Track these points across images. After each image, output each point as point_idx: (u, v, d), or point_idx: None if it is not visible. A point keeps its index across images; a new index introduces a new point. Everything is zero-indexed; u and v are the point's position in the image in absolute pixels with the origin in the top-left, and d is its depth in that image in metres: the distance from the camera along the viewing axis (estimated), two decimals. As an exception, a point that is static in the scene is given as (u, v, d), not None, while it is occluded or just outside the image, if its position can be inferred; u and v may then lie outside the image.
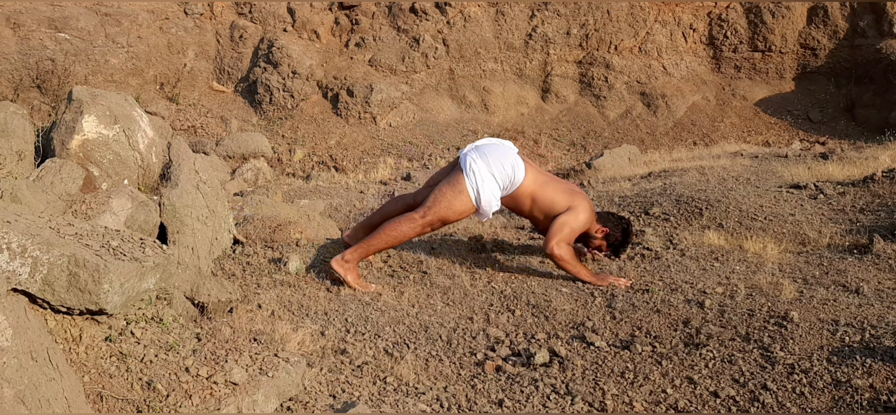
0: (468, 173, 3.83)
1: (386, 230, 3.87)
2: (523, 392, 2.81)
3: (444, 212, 3.85)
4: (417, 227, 3.86)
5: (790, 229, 4.52)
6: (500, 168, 3.87)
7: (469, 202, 3.85)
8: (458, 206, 3.85)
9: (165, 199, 3.70)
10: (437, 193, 3.87)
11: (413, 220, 3.84)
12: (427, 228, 3.89)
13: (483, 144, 3.99)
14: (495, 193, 3.88)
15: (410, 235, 3.88)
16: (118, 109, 4.08)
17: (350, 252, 3.87)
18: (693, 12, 12.58)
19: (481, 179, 3.83)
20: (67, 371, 2.30)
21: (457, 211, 3.86)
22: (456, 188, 3.85)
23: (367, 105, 11.17)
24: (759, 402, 2.60)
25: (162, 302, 2.80)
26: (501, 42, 12.15)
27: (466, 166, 3.85)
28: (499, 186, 3.89)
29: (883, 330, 2.97)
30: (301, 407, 2.65)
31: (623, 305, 3.54)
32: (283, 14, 12.10)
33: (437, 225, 3.90)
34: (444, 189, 3.86)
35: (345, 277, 3.81)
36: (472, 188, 3.83)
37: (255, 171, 8.36)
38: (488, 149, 3.93)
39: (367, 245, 3.88)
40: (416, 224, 3.85)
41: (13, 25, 10.50)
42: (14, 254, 2.32)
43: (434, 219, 3.85)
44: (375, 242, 3.87)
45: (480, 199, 3.84)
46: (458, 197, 3.83)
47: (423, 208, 3.86)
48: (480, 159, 3.87)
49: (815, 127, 11.44)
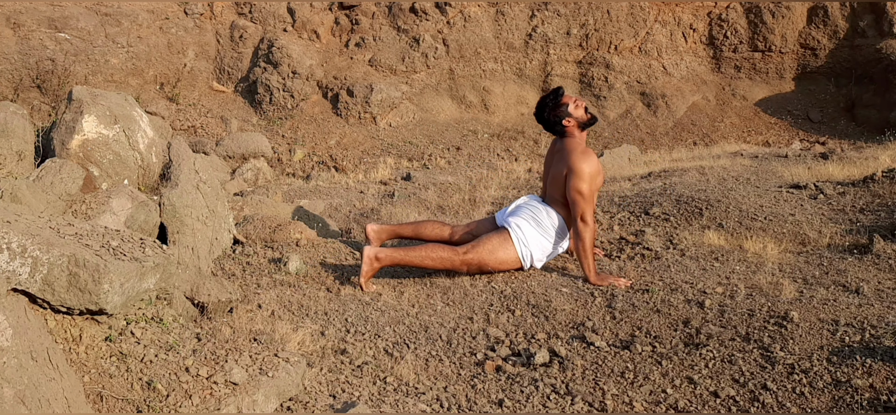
0: (523, 255, 4.01)
1: (427, 250, 3.94)
2: (523, 392, 2.81)
3: (486, 258, 3.98)
4: (456, 262, 3.96)
5: (790, 229, 4.52)
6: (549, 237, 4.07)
7: (516, 259, 4.02)
8: (503, 256, 4.01)
9: (165, 199, 3.70)
10: (487, 240, 4.00)
11: (455, 252, 3.95)
12: (464, 268, 3.98)
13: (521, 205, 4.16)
14: (545, 249, 4.08)
15: (446, 265, 3.97)
16: (118, 109, 4.08)
17: (386, 253, 3.88)
18: (693, 12, 12.58)
19: (531, 249, 4.02)
20: (67, 371, 2.30)
21: (501, 261, 4.02)
22: (505, 246, 4.01)
23: (367, 105, 11.17)
24: (759, 402, 2.60)
25: (162, 302, 2.80)
26: (501, 42, 12.15)
27: (524, 256, 4.01)
28: (548, 241, 4.08)
29: (883, 330, 2.97)
30: (301, 407, 2.65)
31: (623, 305, 3.54)
32: (283, 14, 12.10)
33: (474, 268, 4.00)
34: (495, 242, 3.99)
35: (365, 269, 3.83)
36: (523, 256, 4.02)
37: (255, 171, 8.36)
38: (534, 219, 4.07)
39: (404, 253, 3.91)
40: (456, 260, 3.95)
41: (13, 25, 10.50)
42: (14, 254, 2.32)
43: (474, 261, 3.97)
44: (412, 256, 3.94)
45: (534, 262, 4.06)
46: (506, 253, 4.00)
47: (468, 247, 3.99)
48: (529, 229, 4.03)
49: (815, 127, 11.45)
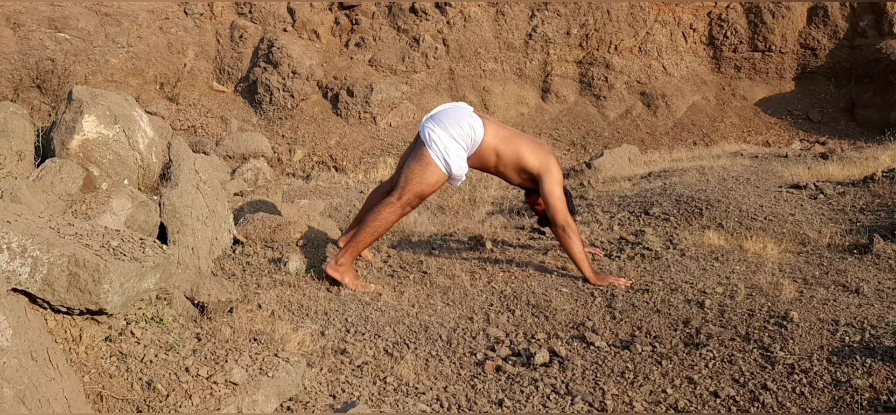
0: (430, 144, 3.87)
1: (369, 223, 3.90)
2: (523, 392, 2.81)
3: (418, 188, 3.88)
4: (397, 209, 3.89)
5: (790, 229, 4.52)
6: (458, 129, 3.90)
7: (439, 172, 3.88)
8: (430, 178, 3.88)
9: (165, 199, 3.70)
10: (407, 172, 3.91)
11: (391, 204, 3.88)
12: (408, 209, 3.92)
13: (438, 111, 4.03)
14: (461, 155, 3.91)
15: (393, 219, 3.91)
16: (118, 109, 4.08)
17: (341, 255, 3.89)
18: (693, 12, 12.58)
19: (444, 147, 3.86)
20: (67, 371, 2.30)
21: (430, 183, 3.89)
22: (423, 162, 3.88)
23: (367, 105, 11.17)
24: (759, 402, 2.60)
25: (162, 302, 2.80)
26: (501, 42, 12.15)
27: (427, 138, 3.89)
28: (462, 147, 3.92)
29: (883, 330, 2.97)
30: (301, 407, 2.65)
31: (623, 305, 3.54)
32: (283, 14, 12.10)
33: (416, 202, 3.93)
34: (412, 166, 3.90)
35: (342, 279, 3.83)
36: (437, 157, 3.86)
37: (255, 171, 8.36)
38: (444, 114, 3.96)
39: (355, 244, 3.90)
40: (396, 207, 3.88)
41: (13, 25, 10.50)
42: (14, 254, 2.32)
43: (411, 197, 3.89)
44: (363, 238, 3.90)
45: (450, 165, 3.87)
46: (426, 169, 3.87)
47: (398, 191, 3.90)
48: (438, 127, 3.90)
49: (815, 127, 11.44)
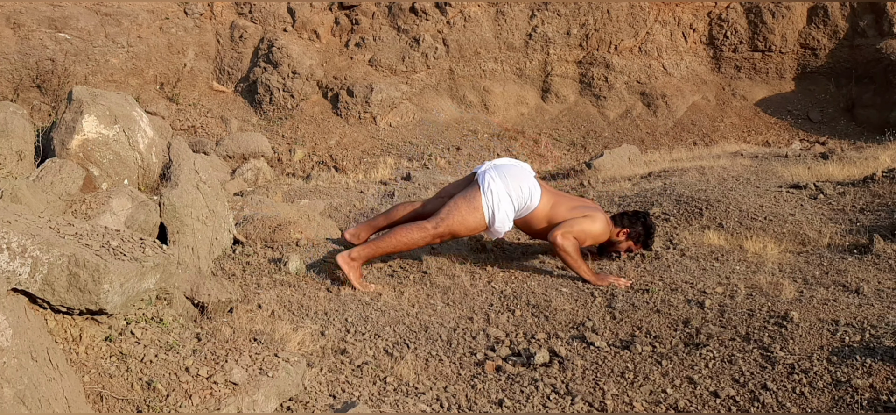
0: (485, 191, 3.88)
1: (396, 235, 3.89)
2: (523, 392, 2.81)
3: (456, 225, 3.89)
4: (427, 236, 3.89)
5: (790, 229, 4.52)
6: (517, 190, 3.92)
7: (482, 219, 3.89)
8: (472, 222, 3.89)
9: (165, 199, 3.70)
10: (452, 205, 3.91)
11: (424, 229, 3.88)
12: (437, 239, 3.93)
13: (502, 163, 4.03)
14: (510, 215, 3.94)
15: (420, 243, 3.92)
16: (118, 109, 4.08)
17: (357, 251, 3.87)
18: (693, 12, 12.58)
19: (498, 199, 3.87)
20: (67, 371, 2.30)
21: (469, 226, 3.91)
22: (472, 204, 3.88)
23: (367, 105, 11.17)
24: (759, 402, 2.60)
25: (162, 302, 2.80)
26: (501, 42, 12.15)
27: (484, 184, 3.88)
28: (514, 207, 3.94)
29: (883, 330, 2.97)
30: (301, 407, 2.65)
31: (623, 305, 3.54)
32: (283, 14, 12.10)
33: (447, 237, 3.94)
34: (460, 203, 3.90)
35: (348, 274, 3.82)
36: (487, 207, 3.87)
37: (255, 171, 8.36)
38: (507, 169, 3.97)
39: (375, 246, 3.90)
40: (427, 233, 3.88)
41: (13, 25, 10.50)
42: (14, 254, 2.32)
43: (445, 231, 3.89)
44: (384, 245, 3.90)
45: (494, 219, 3.89)
46: (472, 213, 3.87)
47: (436, 219, 3.90)
48: (499, 179, 3.90)
49: (815, 127, 11.44)
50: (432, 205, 4.12)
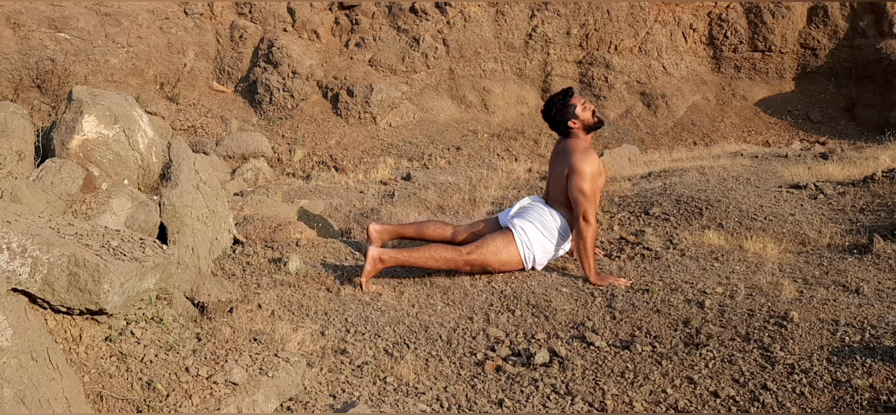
0: (526, 257, 4.02)
1: (429, 251, 3.94)
2: (523, 392, 2.81)
3: (489, 256, 3.98)
4: (459, 262, 3.96)
5: (790, 229, 4.52)
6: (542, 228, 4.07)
7: (517, 255, 4.02)
8: (505, 255, 4.00)
9: (165, 199, 3.70)
10: (489, 238, 4.01)
11: (459, 253, 3.95)
12: (467, 268, 3.99)
13: (523, 208, 4.16)
14: (548, 249, 4.08)
15: (448, 266, 3.97)
16: (118, 108, 4.08)
17: (389, 254, 3.88)
18: (693, 12, 12.58)
19: (535, 251, 4.02)
20: (67, 371, 2.30)
21: (501, 260, 4.01)
22: (509, 248, 4.01)
23: (367, 105, 11.17)
24: (759, 402, 2.60)
25: (162, 302, 2.80)
26: (501, 42, 12.15)
27: (526, 258, 4.02)
28: (552, 243, 4.09)
29: (883, 330, 2.97)
30: (301, 407, 2.65)
31: (623, 305, 3.54)
32: (283, 14, 12.10)
33: (477, 267, 4.00)
34: (497, 237, 4.01)
35: (368, 268, 3.84)
36: (525, 259, 4.02)
37: (255, 171, 8.36)
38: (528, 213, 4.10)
39: (408, 254, 3.92)
40: (460, 260, 3.95)
41: (13, 25, 10.50)
42: (14, 254, 2.32)
43: (477, 260, 3.97)
44: (414, 258, 3.94)
45: (536, 264, 4.06)
46: (509, 254, 4.00)
47: (472, 247, 3.98)
48: (528, 223, 4.04)
49: (815, 127, 11.45)
50: (463, 234, 4.22)
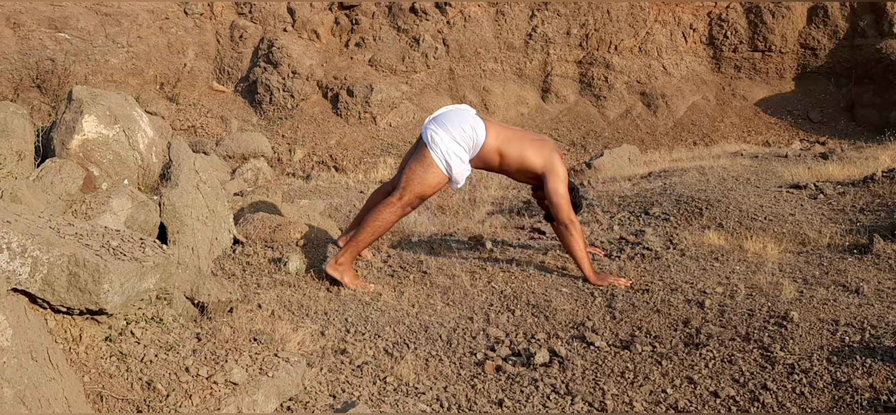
0: (432, 146, 3.88)
1: (369, 223, 3.91)
2: (523, 392, 2.81)
3: (419, 188, 3.89)
4: (397, 210, 3.90)
5: (790, 229, 4.52)
6: (460, 132, 3.91)
7: (440, 173, 3.90)
8: (431, 179, 3.89)
9: (165, 199, 3.70)
10: (408, 172, 3.92)
11: (392, 204, 3.90)
12: (408, 209, 3.93)
13: (440, 113, 4.04)
14: (463, 157, 3.93)
15: (393, 218, 3.92)
16: (118, 108, 4.08)
17: (341, 254, 3.89)
18: (693, 12, 12.58)
19: (446, 149, 3.87)
20: (67, 371, 2.30)
21: (431, 184, 3.91)
22: (424, 163, 3.89)
23: (367, 105, 11.17)
24: (759, 402, 2.60)
25: (162, 302, 2.80)
26: (501, 42, 12.15)
27: (429, 139, 3.90)
28: (463, 149, 3.93)
29: (883, 330, 2.97)
30: (301, 407, 2.65)
31: (623, 305, 3.54)
32: (283, 14, 12.10)
33: (417, 203, 3.94)
34: (414, 167, 3.92)
35: (342, 279, 3.83)
36: (439, 159, 3.88)
37: (255, 171, 8.36)
38: (446, 117, 3.98)
39: (355, 243, 3.90)
40: (396, 207, 3.90)
41: (13, 25, 10.50)
42: (14, 254, 2.32)
43: (412, 197, 3.90)
44: (363, 237, 3.90)
45: (451, 168, 3.89)
46: (428, 171, 3.88)
47: (399, 191, 3.91)
48: (440, 129, 3.91)
49: (815, 127, 11.45)
50: (396, 178, 4.14)
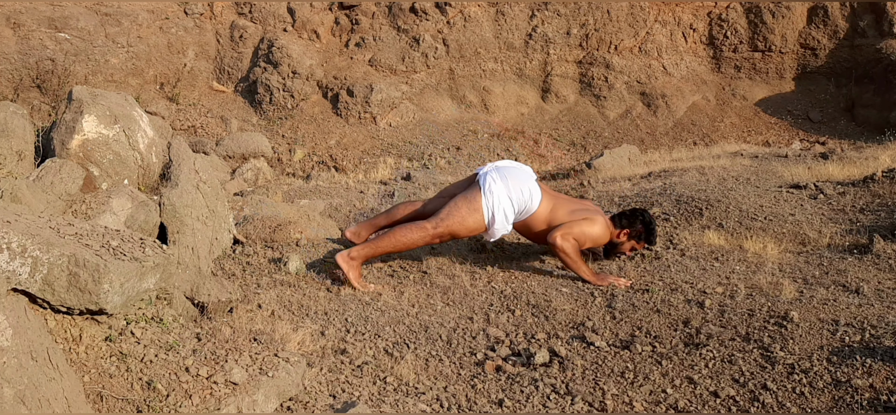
0: (486, 193, 3.89)
1: (396, 234, 3.90)
2: (523, 392, 2.81)
3: (455, 226, 3.90)
4: (427, 236, 3.90)
5: (790, 229, 4.51)
6: (518, 192, 3.93)
7: (481, 221, 3.90)
8: (471, 223, 3.90)
9: (165, 199, 3.70)
10: (452, 206, 3.92)
11: (424, 228, 3.89)
12: (436, 240, 3.93)
13: (503, 165, 4.05)
14: (509, 217, 3.95)
15: (419, 242, 3.92)
16: (118, 108, 4.08)
17: (356, 250, 3.87)
18: (693, 12, 12.58)
19: (498, 201, 3.88)
20: (67, 371, 2.30)
21: (468, 227, 3.92)
22: (472, 205, 3.89)
23: (367, 105, 11.17)
24: (759, 402, 2.60)
25: (162, 302, 2.80)
26: (501, 42, 12.15)
27: (485, 186, 3.89)
28: (514, 210, 3.95)
29: (883, 330, 2.97)
30: (301, 407, 2.65)
31: (623, 305, 3.54)
32: (283, 14, 12.10)
33: (446, 238, 3.95)
34: (460, 203, 3.91)
35: (347, 273, 3.82)
36: (487, 208, 3.88)
37: (255, 171, 8.36)
38: (508, 171, 3.98)
39: (374, 246, 3.90)
40: (427, 234, 3.89)
41: (13, 25, 10.50)
42: (14, 254, 2.32)
43: (444, 231, 3.90)
44: (383, 244, 3.90)
45: (494, 220, 3.90)
46: (472, 214, 3.89)
47: (436, 219, 3.90)
48: (500, 180, 3.91)
49: (815, 127, 11.45)
50: (433, 205, 4.12)
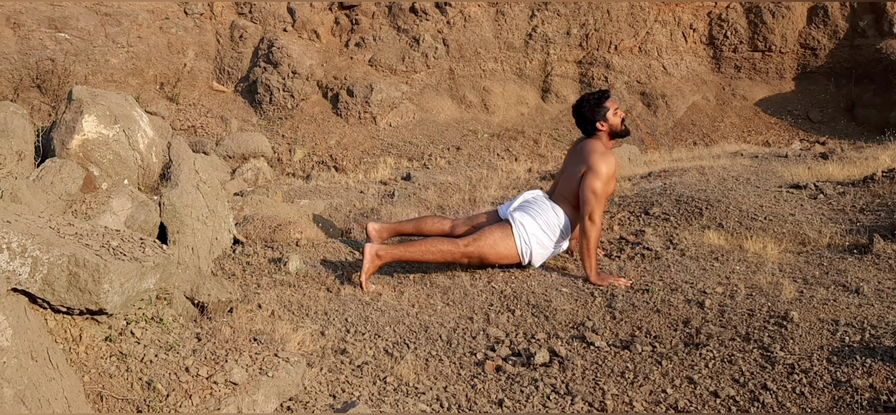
0: (516, 226, 3.97)
1: (426, 244, 3.94)
2: (523, 392, 2.81)
3: (486, 249, 3.96)
4: (457, 254, 3.94)
5: (790, 229, 4.51)
6: (544, 224, 4.04)
7: (513, 250, 3.98)
8: (502, 249, 3.98)
9: (165, 199, 3.70)
10: (487, 230, 3.99)
11: (455, 244, 3.94)
12: (465, 259, 3.97)
13: (521, 203, 4.13)
14: (548, 245, 4.06)
15: (447, 257, 3.96)
16: (118, 108, 4.08)
17: (386, 249, 3.88)
18: (693, 12, 12.58)
19: (531, 234, 3.99)
20: (67, 371, 2.30)
21: (498, 253, 3.99)
22: (504, 232, 3.98)
23: (367, 105, 11.17)
24: (759, 402, 2.60)
25: (162, 302, 2.80)
26: (501, 42, 12.15)
27: (516, 224, 3.97)
28: (551, 239, 4.06)
29: (883, 330, 2.97)
30: (301, 407, 2.65)
31: (623, 305, 3.54)
32: (283, 14, 12.10)
33: (475, 259, 3.99)
34: (495, 229, 3.99)
35: (366, 266, 3.82)
36: (519, 238, 3.98)
37: (255, 171, 8.36)
38: (528, 207, 4.07)
39: (405, 249, 3.92)
40: (457, 251, 3.94)
41: (13, 25, 10.50)
42: (14, 254, 2.32)
43: (475, 253, 3.95)
44: (413, 251, 3.94)
45: (531, 253, 4.01)
46: (504, 240, 3.97)
47: (468, 239, 3.96)
48: (528, 216, 4.02)
49: (815, 127, 11.45)
50: (462, 228, 4.19)
